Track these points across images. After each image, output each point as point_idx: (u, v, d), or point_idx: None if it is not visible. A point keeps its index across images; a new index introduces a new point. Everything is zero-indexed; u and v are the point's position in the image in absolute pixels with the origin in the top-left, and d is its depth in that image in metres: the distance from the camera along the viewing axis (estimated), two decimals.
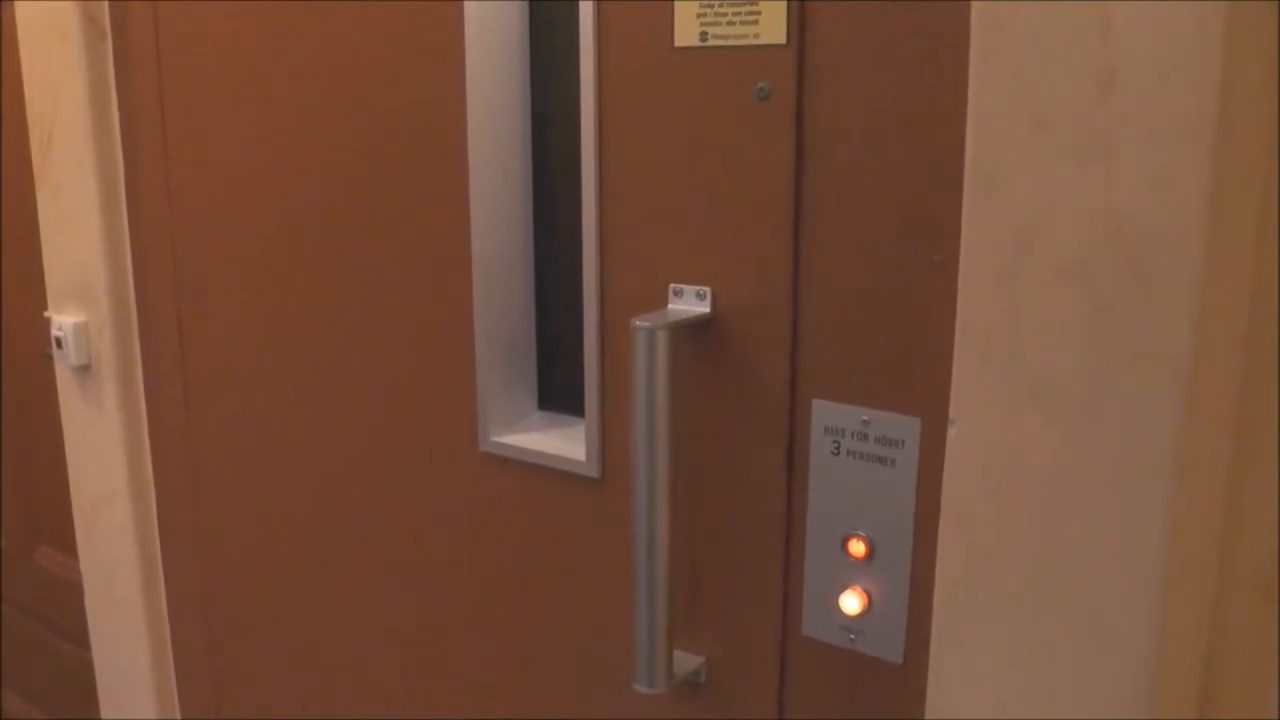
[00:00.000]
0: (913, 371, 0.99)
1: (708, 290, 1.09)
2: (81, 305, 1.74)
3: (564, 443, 1.25)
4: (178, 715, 1.88)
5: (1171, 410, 0.80)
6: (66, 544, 2.10)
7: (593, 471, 1.21)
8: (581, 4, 1.11)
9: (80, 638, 2.04)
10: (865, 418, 1.02)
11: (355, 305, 1.41)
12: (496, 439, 1.29)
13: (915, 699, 1.03)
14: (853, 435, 1.03)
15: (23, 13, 1.69)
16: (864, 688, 1.08)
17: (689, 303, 1.10)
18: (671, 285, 1.11)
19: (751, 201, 1.05)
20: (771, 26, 1.00)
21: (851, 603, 1.06)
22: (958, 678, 0.95)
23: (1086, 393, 0.84)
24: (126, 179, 1.67)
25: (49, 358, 1.83)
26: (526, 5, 1.23)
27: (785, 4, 0.99)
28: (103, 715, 2.00)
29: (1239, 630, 0.89)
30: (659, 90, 1.09)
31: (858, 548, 1.05)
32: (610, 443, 1.20)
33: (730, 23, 1.03)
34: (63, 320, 1.76)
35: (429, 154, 1.28)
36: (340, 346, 1.45)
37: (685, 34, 1.06)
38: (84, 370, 1.78)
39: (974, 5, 0.84)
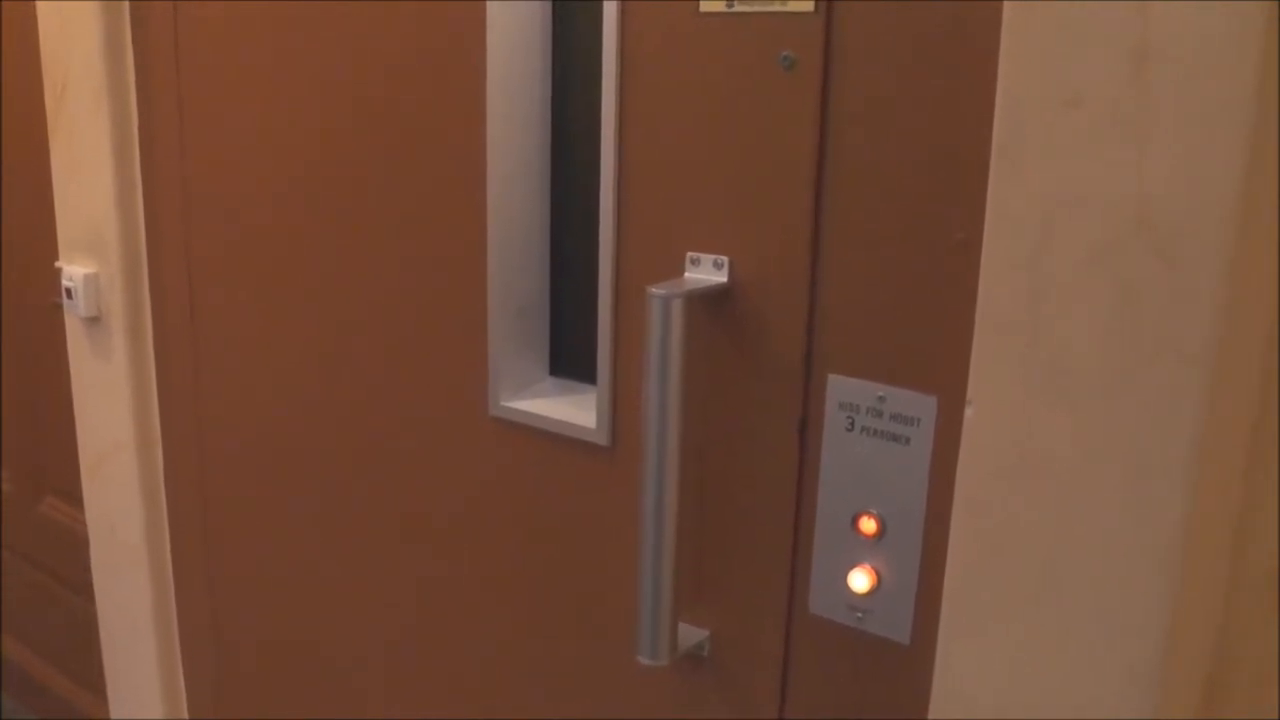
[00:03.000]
0: (931, 350, 0.98)
1: (725, 260, 1.08)
2: (92, 256, 1.74)
3: (574, 410, 1.24)
4: (179, 666, 1.89)
5: (1193, 402, 0.79)
6: (73, 495, 2.10)
7: (602, 440, 1.20)
8: None
9: (85, 588, 2.04)
10: (881, 394, 1.01)
11: (368, 265, 1.40)
12: (506, 404, 1.28)
13: (921, 680, 1.02)
14: (867, 412, 1.02)
15: None
16: (869, 667, 1.07)
17: (706, 272, 1.09)
18: (689, 254, 1.10)
19: (773, 171, 1.03)
20: None
21: (860, 581, 1.05)
22: (966, 661, 0.94)
23: (1107, 380, 0.82)
24: (140, 130, 1.66)
25: (59, 308, 1.82)
26: None
27: None
28: (105, 664, 2.00)
29: (1247, 626, 0.88)
30: (682, 55, 1.07)
31: (868, 526, 1.04)
32: (621, 411, 1.19)
33: None
34: (73, 271, 1.75)
35: (445, 114, 1.27)
36: (351, 306, 1.44)
37: None
38: (93, 322, 1.77)
39: None
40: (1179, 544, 0.82)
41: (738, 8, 1.02)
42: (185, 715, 1.92)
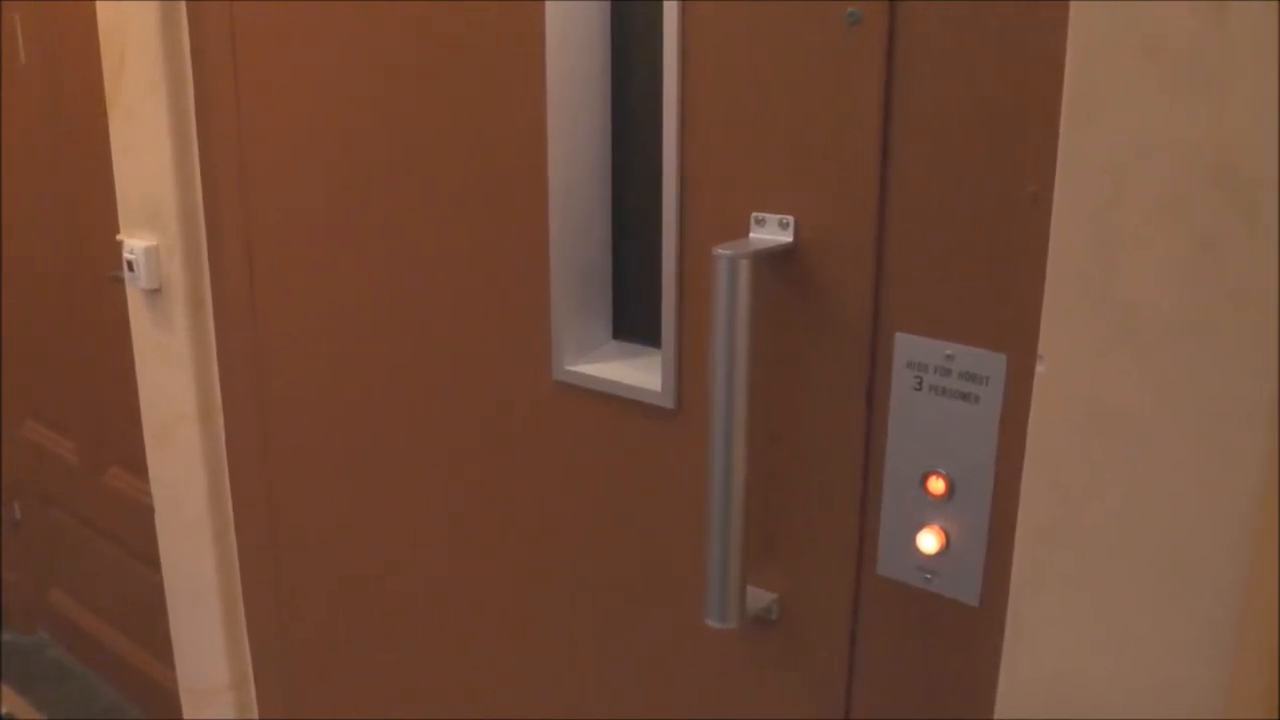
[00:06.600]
0: (1001, 306, 0.97)
1: (791, 219, 1.07)
2: (152, 229, 1.75)
3: (639, 373, 1.24)
4: (244, 632, 1.91)
5: (1272, 354, 0.78)
6: (138, 465, 2.13)
7: (668, 403, 1.20)
8: None
9: (151, 557, 2.07)
10: (949, 352, 1.00)
11: (428, 230, 1.40)
12: (571, 368, 1.28)
13: (991, 643, 1.01)
14: (936, 370, 1.01)
15: None
16: (938, 629, 1.07)
17: (771, 232, 1.08)
18: (753, 214, 1.09)
19: (838, 129, 1.02)
20: None
21: (929, 542, 1.04)
22: (1037, 623, 0.93)
23: (1183, 334, 0.81)
24: (196, 102, 1.67)
25: (120, 281, 1.84)
26: None
27: None
28: (172, 631, 2.03)
29: None
30: (746, 12, 1.06)
31: (937, 486, 1.03)
32: (686, 374, 1.18)
33: None
34: (134, 244, 1.77)
35: (505, 75, 1.26)
36: (411, 271, 1.44)
37: None
38: (154, 294, 1.79)
39: None
40: (1258, 501, 0.80)
41: None
42: (250, 681, 1.94)
